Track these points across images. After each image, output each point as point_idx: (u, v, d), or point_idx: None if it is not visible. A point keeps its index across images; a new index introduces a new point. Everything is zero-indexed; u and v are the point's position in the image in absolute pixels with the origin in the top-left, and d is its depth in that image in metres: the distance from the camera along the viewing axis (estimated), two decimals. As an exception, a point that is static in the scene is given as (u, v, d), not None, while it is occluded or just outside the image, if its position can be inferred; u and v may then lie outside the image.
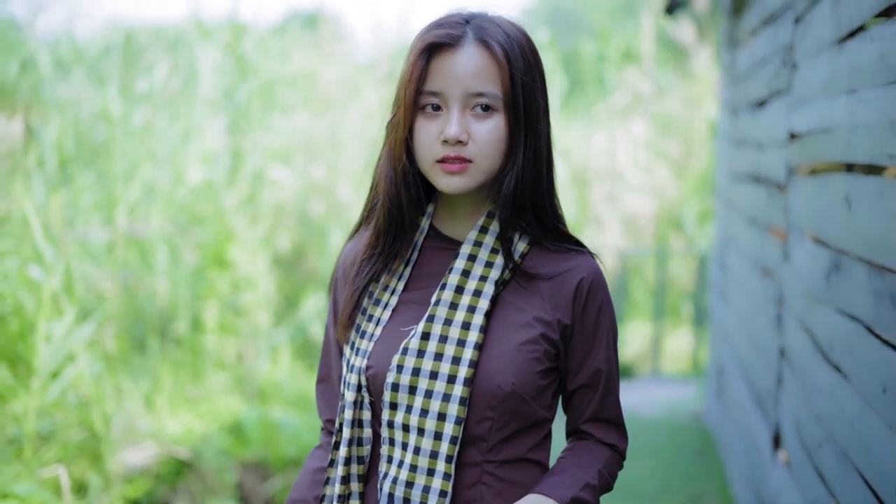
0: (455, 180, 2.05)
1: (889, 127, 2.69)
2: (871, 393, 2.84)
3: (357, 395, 2.12)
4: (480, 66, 2.03)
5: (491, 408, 2.04)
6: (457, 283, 2.11)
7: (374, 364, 2.10)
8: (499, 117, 2.05)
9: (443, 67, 2.04)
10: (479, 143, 2.04)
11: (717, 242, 7.88)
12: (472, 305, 2.08)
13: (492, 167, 2.08)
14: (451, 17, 2.10)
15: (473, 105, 2.04)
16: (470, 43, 2.05)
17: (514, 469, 2.11)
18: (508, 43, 2.06)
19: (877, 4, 2.90)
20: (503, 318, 2.09)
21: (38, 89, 9.64)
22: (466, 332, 2.06)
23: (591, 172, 14.00)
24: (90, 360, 6.86)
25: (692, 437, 7.69)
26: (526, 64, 2.08)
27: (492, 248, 2.13)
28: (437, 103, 2.05)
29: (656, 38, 16.48)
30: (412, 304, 2.16)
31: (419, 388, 2.05)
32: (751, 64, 5.96)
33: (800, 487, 3.96)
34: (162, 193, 9.20)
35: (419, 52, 2.05)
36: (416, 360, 2.06)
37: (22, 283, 6.35)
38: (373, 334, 2.14)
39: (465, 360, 2.04)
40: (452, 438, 2.03)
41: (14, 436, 6.13)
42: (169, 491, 7.08)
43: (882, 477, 2.72)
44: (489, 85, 2.03)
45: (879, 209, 2.79)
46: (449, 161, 2.04)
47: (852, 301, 3.11)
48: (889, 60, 2.73)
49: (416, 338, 2.08)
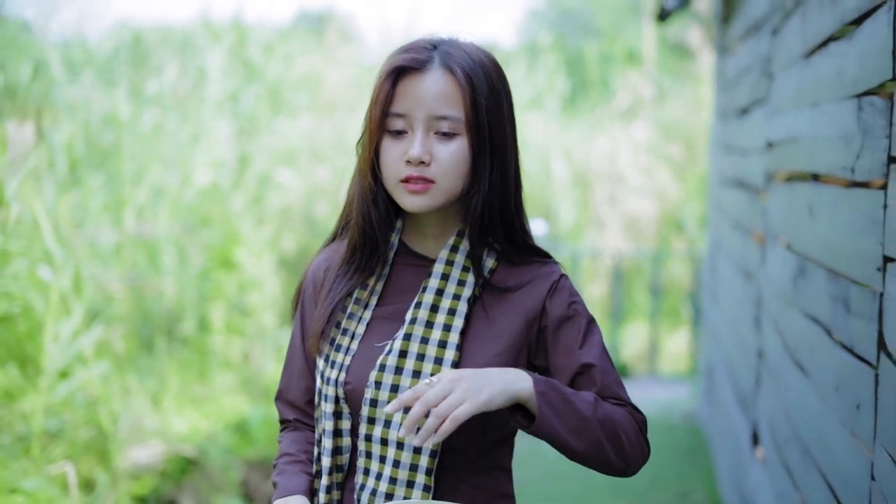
0: (417, 199, 2.11)
1: (842, 140, 2.84)
2: (826, 391, 3.00)
3: (336, 406, 2.16)
4: (444, 90, 2.10)
5: (466, 421, 2.02)
6: (431, 301, 2.16)
7: (352, 380, 2.15)
8: (461, 140, 2.11)
9: (409, 90, 2.10)
10: (441, 165, 2.10)
11: (709, 246, 7.99)
12: (448, 324, 2.14)
13: (453, 188, 2.13)
14: (419, 43, 2.17)
15: (436, 128, 2.10)
16: (435, 68, 2.11)
17: (485, 476, 2.18)
18: (472, 68, 2.12)
19: (836, 22, 3.04)
20: (476, 333, 2.15)
21: (49, 92, 9.74)
22: (443, 351, 2.12)
23: (592, 174, 14.04)
24: (98, 360, 6.94)
25: (684, 435, 7.77)
26: (490, 89, 2.14)
27: (463, 266, 2.19)
28: (403, 125, 2.11)
29: (663, 40, 16.54)
30: (386, 319, 2.20)
31: None
32: (737, 71, 6.09)
33: (772, 482, 4.10)
34: (170, 195, 9.25)
35: (386, 75, 2.12)
36: (393, 376, 2.11)
37: (31, 283, 6.44)
38: (349, 348, 2.18)
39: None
40: (432, 452, 2.09)
41: (22, 433, 6.19)
42: (175, 488, 7.17)
43: (835, 469, 2.87)
44: (452, 108, 2.10)
45: (835, 217, 2.94)
46: (412, 181, 2.10)
47: (814, 304, 3.25)
48: (844, 76, 2.88)
49: (393, 355, 2.13)
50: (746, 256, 5.30)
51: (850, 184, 2.80)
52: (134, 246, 8.89)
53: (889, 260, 2.33)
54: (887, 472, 2.30)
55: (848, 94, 2.80)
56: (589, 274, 13.00)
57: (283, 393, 2.37)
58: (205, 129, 10.15)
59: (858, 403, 2.59)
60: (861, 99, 2.64)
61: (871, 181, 2.52)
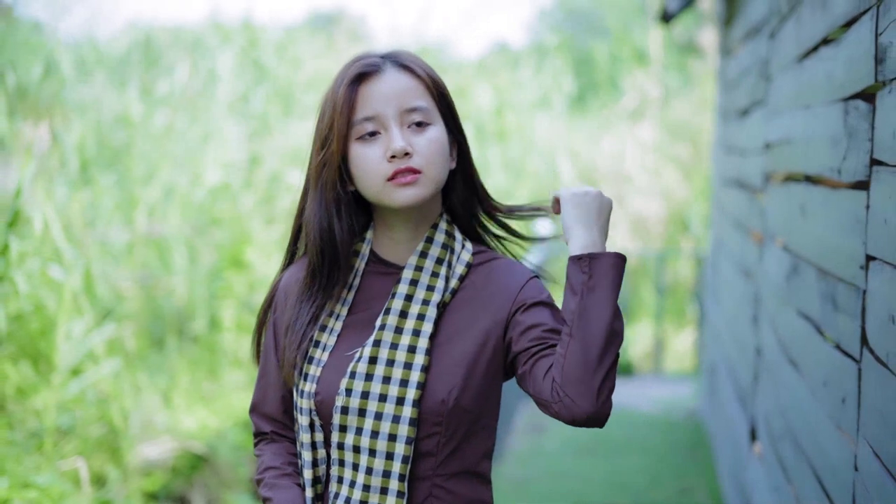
0: (409, 191, 2.12)
1: (830, 142, 2.92)
2: (816, 386, 3.08)
3: (310, 418, 2.17)
4: (406, 84, 2.15)
5: (437, 423, 2.11)
6: (400, 307, 2.17)
7: (321, 389, 2.15)
8: (435, 128, 2.16)
9: (372, 92, 2.14)
10: (423, 154, 2.12)
11: (711, 245, 8.08)
12: (417, 329, 2.14)
13: (439, 175, 2.16)
14: (368, 54, 2.21)
15: (409, 120, 2.14)
16: (390, 68, 2.17)
17: (459, 482, 2.17)
18: (423, 64, 2.21)
19: (826, 27, 3.12)
20: (446, 336, 2.16)
21: (60, 92, 9.82)
22: (413, 356, 2.11)
23: (599, 174, 14.10)
24: (110, 357, 7.00)
25: (686, 433, 7.85)
26: (439, 84, 2.22)
27: (432, 272, 2.20)
28: (374, 128, 2.13)
29: (671, 41, 16.58)
30: (356, 328, 2.21)
31: (368, 410, 2.10)
32: (738, 73, 6.16)
33: (768, 477, 4.18)
34: (180, 195, 9.32)
35: (347, 85, 2.14)
36: (364, 383, 2.11)
37: (43, 282, 6.51)
38: (320, 360, 2.18)
39: (413, 382, 2.09)
40: (404, 458, 2.09)
41: (35, 429, 6.27)
42: (185, 484, 7.23)
43: (823, 462, 2.96)
44: (419, 99, 2.15)
45: (825, 217, 3.03)
46: (400, 174, 2.11)
47: (806, 302, 3.34)
48: (833, 80, 2.96)
49: (362, 362, 2.13)
50: (746, 256, 5.38)
51: (837, 185, 2.88)
52: (145, 245, 8.96)
53: (871, 258, 2.41)
54: (869, 463, 2.38)
55: (836, 98, 2.88)
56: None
57: (259, 405, 2.35)
58: (215, 129, 10.21)
59: (844, 397, 2.67)
60: (847, 102, 2.73)
61: (856, 182, 2.61)
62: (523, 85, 15.67)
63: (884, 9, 2.38)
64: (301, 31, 16.90)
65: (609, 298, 2.02)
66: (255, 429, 2.35)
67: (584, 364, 1.98)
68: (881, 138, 2.35)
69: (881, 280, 2.32)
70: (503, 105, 14.88)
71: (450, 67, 16.38)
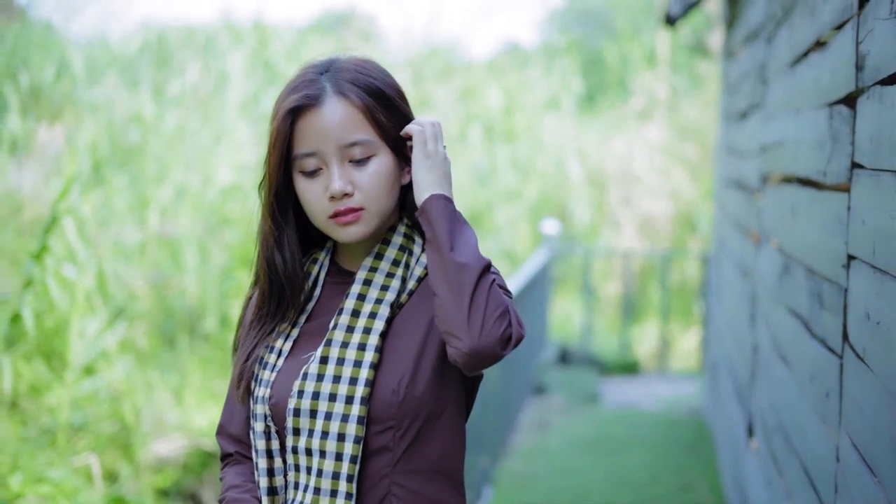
0: (351, 230, 2.10)
1: (817, 145, 3.03)
2: (803, 381, 3.18)
3: (265, 424, 2.13)
4: (344, 117, 2.07)
5: (390, 417, 2.06)
6: (353, 307, 2.13)
7: (275, 393, 2.11)
8: (378, 159, 2.10)
9: (309, 128, 2.08)
10: (365, 190, 2.08)
11: (714, 245, 8.16)
12: (368, 327, 2.10)
13: (384, 207, 2.12)
14: (306, 76, 2.13)
15: (350, 156, 2.08)
16: (329, 98, 2.08)
17: (423, 480, 2.10)
18: (365, 83, 2.11)
19: (814, 34, 3.22)
20: (397, 333, 2.12)
21: (73, 92, 9.92)
22: (363, 353, 2.07)
23: (607, 175, 14.18)
24: (122, 355, 7.09)
25: (688, 430, 7.92)
26: (385, 97, 2.13)
27: (387, 273, 2.16)
28: (316, 164, 2.08)
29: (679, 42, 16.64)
30: (312, 334, 2.17)
31: (319, 410, 2.06)
32: (738, 75, 6.25)
33: (762, 471, 4.28)
34: (192, 195, 9.42)
35: (282, 119, 2.08)
36: (315, 384, 2.07)
37: (57, 281, 6.60)
38: (275, 365, 2.15)
39: (362, 379, 2.05)
40: (352, 458, 2.04)
41: (48, 426, 6.38)
42: (196, 482, 7.35)
43: (809, 454, 3.06)
44: (359, 132, 2.08)
45: (813, 218, 3.13)
46: (341, 214, 2.08)
47: (796, 300, 3.44)
48: (820, 85, 3.06)
49: (315, 362, 2.09)
50: (744, 255, 5.47)
51: (823, 186, 2.98)
52: (157, 245, 9.05)
53: (852, 258, 2.51)
54: (849, 454, 2.48)
55: (822, 103, 2.98)
56: (603, 273, 13.15)
57: (225, 427, 2.29)
58: (227, 130, 10.29)
59: (828, 392, 2.77)
60: (832, 108, 2.82)
61: (839, 184, 2.71)
62: (533, 85, 15.75)
63: (863, 18, 2.48)
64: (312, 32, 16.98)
65: (444, 238, 2.02)
66: (222, 451, 2.29)
67: (450, 305, 1.99)
68: (861, 142, 2.45)
69: (860, 278, 2.42)
70: (512, 105, 14.96)
71: (459, 67, 16.46)
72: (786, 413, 3.59)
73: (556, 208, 13.92)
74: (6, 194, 8.35)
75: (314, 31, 17.67)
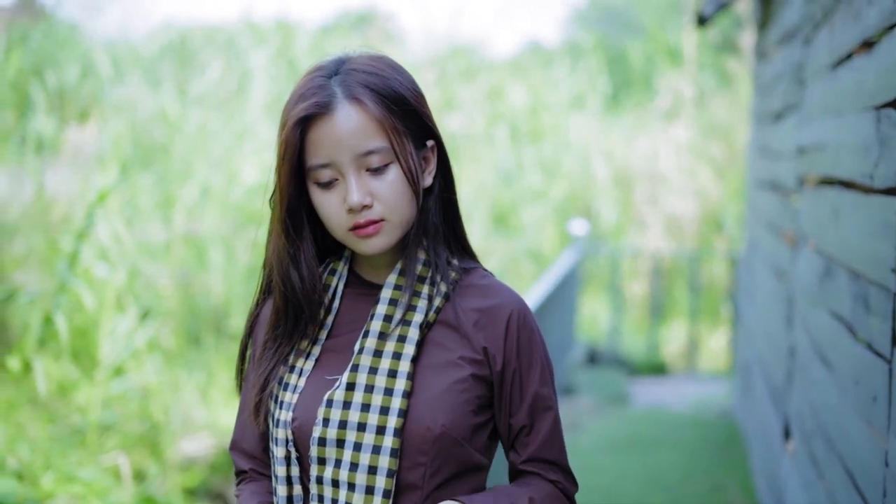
0: (373, 242, 1.97)
1: (862, 148, 3.00)
2: (847, 385, 3.16)
3: (286, 450, 2.01)
4: (359, 125, 1.94)
5: (422, 452, 1.95)
6: (379, 329, 2.00)
7: (298, 416, 1.99)
8: (396, 167, 1.97)
9: (322, 138, 1.94)
10: (384, 201, 1.95)
11: (745, 246, 8.13)
12: (398, 352, 1.98)
13: (405, 217, 2.00)
14: (315, 81, 1.99)
15: (367, 165, 1.95)
16: (341, 104, 1.94)
17: None
18: (379, 86, 1.98)
19: (859, 36, 3.20)
20: (430, 360, 2.00)
21: (99, 92, 9.95)
22: (394, 381, 1.95)
23: (633, 174, 14.15)
24: (150, 354, 7.11)
25: (719, 431, 7.90)
26: (401, 99, 1.99)
27: (414, 291, 2.03)
28: (331, 175, 1.95)
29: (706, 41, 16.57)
30: (335, 352, 2.05)
31: (347, 440, 1.94)
32: (773, 76, 6.22)
33: (800, 474, 4.26)
34: (217, 194, 9.44)
35: (291, 129, 1.95)
36: (342, 412, 1.95)
37: (86, 281, 6.62)
38: (296, 386, 2.02)
39: (394, 409, 1.94)
40: (385, 492, 1.93)
41: (78, 425, 6.41)
42: (223, 481, 7.34)
43: (854, 458, 3.04)
44: (375, 140, 1.94)
45: (857, 221, 3.11)
46: (360, 227, 1.96)
47: (838, 303, 3.42)
48: (864, 88, 3.04)
49: (340, 389, 1.97)
50: (779, 257, 5.44)
51: (869, 190, 2.96)
52: (183, 244, 9.07)
53: (901, 262, 2.50)
54: (899, 460, 2.47)
55: (868, 106, 2.96)
56: (630, 273, 13.13)
57: (238, 442, 2.19)
58: (250, 129, 10.30)
59: (874, 396, 2.75)
60: (880, 111, 2.80)
61: (888, 188, 2.69)
62: (557, 84, 15.73)
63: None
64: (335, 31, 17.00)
65: None
66: (236, 467, 2.20)
67: None
68: (911, 147, 2.43)
69: (910, 283, 2.40)
70: (537, 105, 14.94)
71: (483, 67, 16.44)
72: (826, 415, 3.57)
73: (581, 208, 13.92)
74: (35, 194, 8.38)
75: (334, 31, 17.67)
